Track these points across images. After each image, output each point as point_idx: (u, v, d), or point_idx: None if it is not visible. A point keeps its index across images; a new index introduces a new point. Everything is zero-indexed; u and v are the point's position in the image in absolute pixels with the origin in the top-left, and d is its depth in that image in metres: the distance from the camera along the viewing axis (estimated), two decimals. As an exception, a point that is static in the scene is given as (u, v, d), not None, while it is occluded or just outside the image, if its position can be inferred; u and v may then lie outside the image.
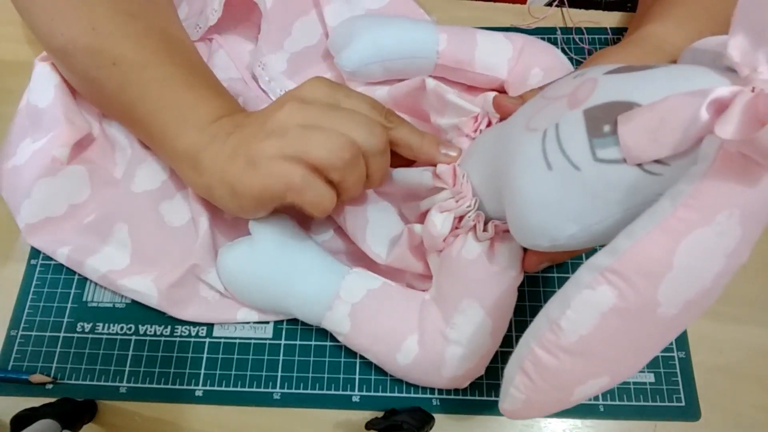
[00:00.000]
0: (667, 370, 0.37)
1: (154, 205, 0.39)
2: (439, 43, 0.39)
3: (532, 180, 0.25)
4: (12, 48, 0.47)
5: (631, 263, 0.20)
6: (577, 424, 0.36)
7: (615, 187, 0.22)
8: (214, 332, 0.38)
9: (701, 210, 0.19)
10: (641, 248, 0.20)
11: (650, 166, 0.21)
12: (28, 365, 0.37)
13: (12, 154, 0.40)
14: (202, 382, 0.37)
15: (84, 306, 0.39)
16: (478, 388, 0.36)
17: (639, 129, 0.21)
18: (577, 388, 0.23)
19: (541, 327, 0.22)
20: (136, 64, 0.35)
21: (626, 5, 0.49)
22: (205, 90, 0.35)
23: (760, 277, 0.39)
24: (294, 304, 0.35)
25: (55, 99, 0.40)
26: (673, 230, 0.19)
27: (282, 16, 0.44)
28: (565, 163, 0.23)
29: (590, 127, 0.22)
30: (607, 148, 0.22)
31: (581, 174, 0.23)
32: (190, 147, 0.33)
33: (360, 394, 0.36)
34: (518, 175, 0.25)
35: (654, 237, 0.20)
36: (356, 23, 0.40)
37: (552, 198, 0.24)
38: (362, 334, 0.34)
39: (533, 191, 0.25)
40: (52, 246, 0.39)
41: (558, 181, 0.23)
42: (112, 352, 0.38)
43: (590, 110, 0.23)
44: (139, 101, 0.35)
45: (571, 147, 0.23)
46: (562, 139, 0.23)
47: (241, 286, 0.36)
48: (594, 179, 0.22)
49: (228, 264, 0.36)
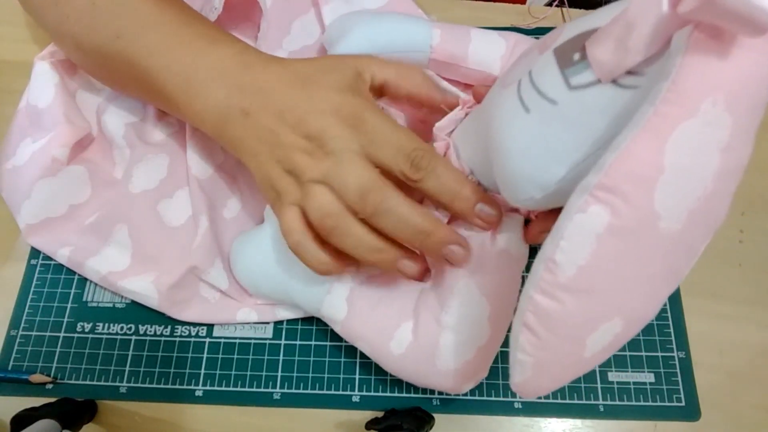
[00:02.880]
0: (667, 370, 0.37)
1: (152, 205, 0.39)
2: (433, 38, 0.39)
3: (513, 128, 0.24)
4: (12, 48, 0.47)
5: (619, 173, 0.18)
6: (577, 424, 0.36)
7: (594, 111, 0.21)
8: (214, 332, 0.38)
9: (683, 101, 0.18)
10: (627, 155, 0.18)
11: (624, 80, 0.20)
12: (28, 365, 0.37)
13: (12, 155, 0.40)
14: (202, 382, 0.37)
15: (84, 306, 0.39)
16: (478, 388, 0.36)
17: (608, 42, 0.20)
18: (589, 336, 0.20)
19: (538, 270, 0.20)
20: (138, 31, 0.34)
21: (626, 5, 0.48)
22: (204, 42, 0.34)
23: (760, 277, 0.39)
24: (296, 287, 0.35)
25: (55, 99, 0.40)
26: (657, 128, 0.18)
27: (281, 15, 0.44)
28: (541, 102, 0.23)
29: (561, 61, 0.22)
30: (580, 73, 0.21)
31: (558, 107, 0.22)
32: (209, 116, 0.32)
33: (360, 394, 0.36)
34: (499, 129, 0.25)
35: (639, 140, 0.18)
36: (350, 18, 0.40)
37: (534, 140, 0.23)
38: (358, 320, 0.33)
39: (515, 139, 0.24)
40: (53, 246, 0.39)
41: (537, 120, 0.23)
42: (112, 352, 0.38)
43: (559, 47, 0.23)
44: (149, 73, 0.34)
45: (544, 84, 0.23)
46: (536, 80, 0.23)
47: (252, 275, 0.36)
48: (572, 108, 0.22)
49: (243, 252, 0.36)
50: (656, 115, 0.18)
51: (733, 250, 0.40)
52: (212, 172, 0.40)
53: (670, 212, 0.19)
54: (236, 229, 0.39)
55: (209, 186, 0.39)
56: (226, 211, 0.40)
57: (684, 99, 0.18)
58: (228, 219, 0.39)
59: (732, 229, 0.41)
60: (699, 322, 0.38)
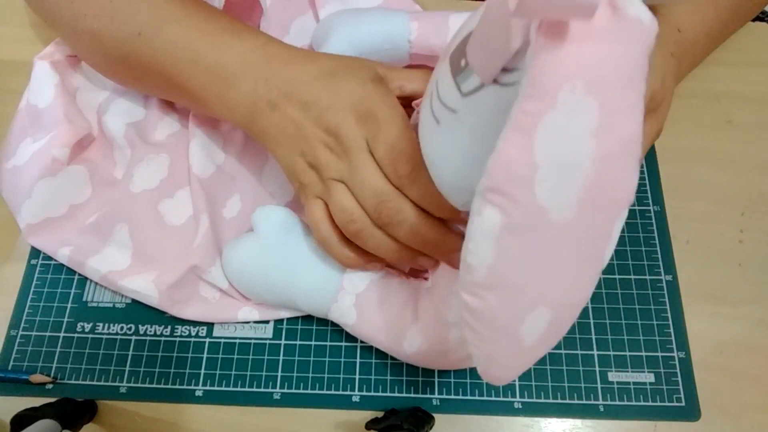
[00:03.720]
0: (667, 370, 0.37)
1: (153, 205, 0.39)
2: (411, 32, 0.38)
3: (431, 141, 0.25)
4: (12, 48, 0.47)
5: (500, 174, 0.19)
6: (577, 424, 0.36)
7: (487, 113, 0.21)
8: (214, 332, 0.38)
9: (541, 95, 0.17)
10: (502, 155, 0.18)
11: (504, 78, 0.20)
12: (28, 365, 0.37)
13: (12, 155, 0.40)
14: (202, 382, 0.37)
15: (84, 306, 0.39)
16: (478, 388, 0.36)
17: (477, 45, 0.20)
18: (520, 328, 0.21)
19: (461, 270, 0.21)
20: (160, 26, 0.34)
21: None
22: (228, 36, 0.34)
23: (760, 277, 0.39)
24: (299, 296, 0.35)
25: (55, 99, 0.40)
26: (523, 126, 0.18)
27: (280, 15, 0.44)
28: (445, 112, 0.23)
29: (453, 69, 0.22)
30: (467, 79, 0.21)
31: (458, 115, 0.22)
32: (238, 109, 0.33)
33: (360, 394, 0.36)
34: (422, 143, 0.26)
35: (509, 139, 0.18)
36: (331, 21, 0.40)
37: (450, 150, 0.24)
38: (368, 324, 0.34)
39: (435, 151, 0.25)
40: (53, 246, 0.39)
41: (447, 131, 0.23)
42: (112, 352, 0.38)
43: (452, 54, 0.23)
44: (174, 67, 0.34)
45: (445, 95, 0.23)
46: (440, 91, 0.23)
47: (247, 283, 0.36)
48: (469, 114, 0.22)
49: (233, 261, 0.36)
50: (520, 112, 0.18)
51: (733, 250, 0.40)
52: (213, 172, 0.40)
53: (558, 203, 0.19)
54: (236, 229, 0.39)
55: (210, 186, 0.39)
56: (225, 210, 0.40)
57: (541, 92, 0.17)
58: (228, 219, 0.39)
59: (732, 229, 0.41)
60: (699, 322, 0.38)
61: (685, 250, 0.40)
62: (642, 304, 0.38)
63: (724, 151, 0.43)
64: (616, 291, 0.39)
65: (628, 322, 0.38)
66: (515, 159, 0.18)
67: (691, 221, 0.41)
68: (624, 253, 0.40)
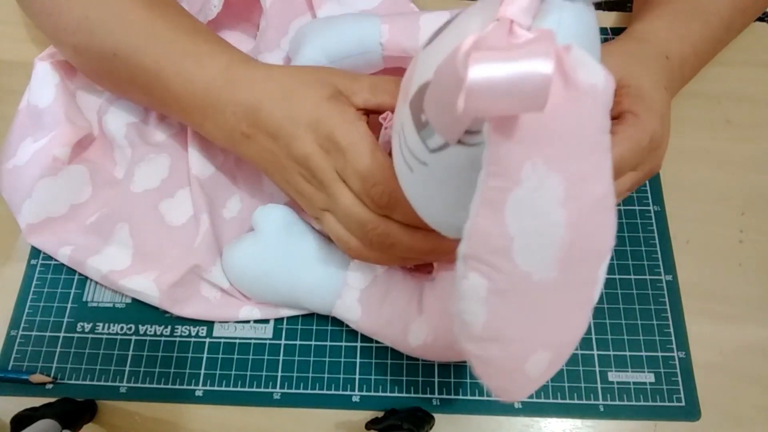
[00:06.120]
0: (667, 370, 0.37)
1: (154, 204, 0.39)
2: (382, 35, 0.38)
3: (408, 185, 0.25)
4: (12, 48, 0.47)
5: (478, 244, 0.19)
6: (577, 424, 0.36)
7: (456, 170, 0.21)
8: (214, 332, 0.38)
9: (504, 173, 0.17)
10: (478, 228, 0.19)
11: (468, 139, 0.20)
12: (28, 365, 0.37)
13: (13, 155, 0.40)
14: (202, 382, 0.37)
15: (84, 306, 0.39)
16: (478, 388, 0.36)
17: (434, 107, 0.20)
18: (523, 366, 0.21)
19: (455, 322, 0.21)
20: (133, 52, 0.34)
21: (626, 5, 0.49)
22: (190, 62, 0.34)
23: (760, 277, 0.39)
24: (303, 294, 0.35)
25: (56, 99, 0.40)
26: (492, 201, 0.18)
27: (280, 15, 0.44)
28: (416, 163, 0.23)
29: (416, 122, 0.22)
30: (432, 136, 0.21)
31: (429, 168, 0.22)
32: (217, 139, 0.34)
33: (360, 394, 0.36)
34: (400, 182, 0.25)
35: (481, 213, 0.18)
36: (304, 30, 0.40)
37: (428, 195, 0.24)
38: (372, 319, 0.35)
39: (414, 193, 0.25)
40: (54, 246, 0.39)
41: (421, 180, 0.23)
42: (112, 352, 0.38)
43: (412, 102, 0.22)
44: (150, 94, 0.35)
45: (413, 147, 0.22)
46: (407, 140, 0.23)
47: (249, 283, 0.36)
48: (439, 169, 0.22)
49: (234, 261, 0.36)
50: (487, 188, 0.18)
51: (733, 250, 0.40)
52: (212, 172, 0.40)
53: (539, 266, 0.19)
54: (236, 229, 0.39)
55: (209, 186, 0.39)
56: (225, 211, 0.40)
57: (504, 171, 0.17)
58: (228, 219, 0.39)
59: (732, 229, 0.41)
60: (699, 322, 0.38)
61: (685, 250, 0.40)
62: (642, 304, 0.38)
63: (724, 151, 0.43)
64: (616, 291, 0.39)
65: (628, 322, 0.38)
66: (489, 232, 0.18)
67: (691, 221, 0.41)
68: (624, 253, 0.40)
